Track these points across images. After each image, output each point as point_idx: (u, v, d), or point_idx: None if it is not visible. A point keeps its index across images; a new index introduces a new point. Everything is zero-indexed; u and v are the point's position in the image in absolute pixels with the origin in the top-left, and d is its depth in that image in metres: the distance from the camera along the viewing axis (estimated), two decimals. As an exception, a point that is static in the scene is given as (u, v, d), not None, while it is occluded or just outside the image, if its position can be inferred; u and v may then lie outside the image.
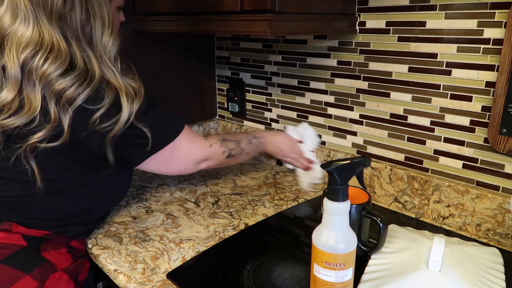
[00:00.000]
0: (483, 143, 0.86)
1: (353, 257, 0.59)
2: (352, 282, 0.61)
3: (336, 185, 0.57)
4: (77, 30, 0.69)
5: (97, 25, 0.71)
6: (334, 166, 0.58)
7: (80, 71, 0.67)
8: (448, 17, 0.86)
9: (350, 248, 0.58)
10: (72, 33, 0.69)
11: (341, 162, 0.59)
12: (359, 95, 1.04)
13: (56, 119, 0.66)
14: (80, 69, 0.68)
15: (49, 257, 0.74)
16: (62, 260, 0.75)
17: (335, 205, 0.57)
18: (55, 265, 0.74)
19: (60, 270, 0.74)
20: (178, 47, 1.31)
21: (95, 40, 0.71)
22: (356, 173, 0.65)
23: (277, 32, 0.81)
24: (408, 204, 0.97)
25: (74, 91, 0.66)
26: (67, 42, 0.68)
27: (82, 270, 0.80)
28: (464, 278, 0.64)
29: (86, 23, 0.70)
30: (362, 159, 0.63)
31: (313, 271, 0.61)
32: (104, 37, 0.72)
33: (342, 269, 0.58)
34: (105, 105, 0.68)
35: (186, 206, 1.00)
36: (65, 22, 0.68)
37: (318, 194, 1.06)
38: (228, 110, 1.42)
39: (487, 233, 0.86)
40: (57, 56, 0.66)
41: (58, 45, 0.67)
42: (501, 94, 0.80)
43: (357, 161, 0.62)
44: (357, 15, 1.00)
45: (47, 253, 0.74)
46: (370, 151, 1.06)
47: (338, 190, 0.57)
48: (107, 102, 0.68)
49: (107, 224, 0.91)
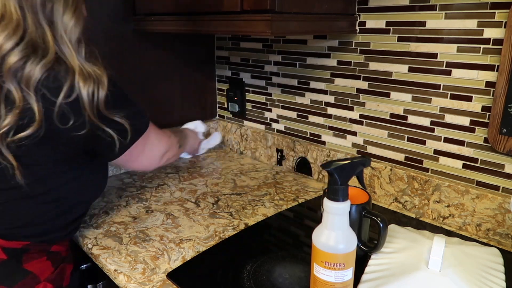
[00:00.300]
0: (483, 143, 0.86)
1: (353, 257, 0.59)
2: (352, 282, 0.61)
3: (336, 185, 0.57)
4: (35, 5, 0.65)
5: (58, 4, 0.67)
6: (334, 166, 0.58)
7: (31, 45, 0.63)
8: (448, 17, 0.86)
9: (350, 248, 0.58)
10: (30, 7, 0.65)
11: (341, 162, 0.59)
12: (359, 95, 1.04)
13: (21, 102, 0.62)
14: (32, 42, 0.64)
15: (31, 268, 0.72)
16: (43, 270, 0.74)
17: (335, 205, 0.57)
18: (38, 276, 0.72)
19: (44, 280, 0.73)
20: (178, 47, 1.31)
21: (56, 19, 0.67)
22: (356, 173, 0.64)
23: (277, 32, 0.81)
24: (408, 204, 0.97)
25: (30, 69, 0.62)
26: (23, 13, 0.64)
27: (65, 276, 0.79)
28: (464, 278, 0.64)
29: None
30: (362, 159, 0.63)
31: (313, 271, 0.61)
32: (65, 16, 0.68)
33: (342, 269, 0.58)
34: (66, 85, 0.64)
35: (186, 206, 1.00)
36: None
37: (318, 194, 1.06)
38: (228, 110, 1.42)
39: (487, 233, 0.86)
40: (8, 25, 0.62)
41: (10, 14, 0.63)
42: (501, 94, 0.80)
43: (357, 161, 0.62)
44: (357, 15, 1.00)
45: (29, 265, 0.72)
46: (370, 151, 1.06)
47: (338, 190, 0.57)
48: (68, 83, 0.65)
49: (107, 224, 0.91)
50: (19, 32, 0.64)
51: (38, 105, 0.63)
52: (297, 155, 1.21)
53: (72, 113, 0.66)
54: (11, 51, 0.63)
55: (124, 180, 1.16)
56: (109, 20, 1.14)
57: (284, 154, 1.25)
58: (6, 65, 0.62)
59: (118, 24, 1.16)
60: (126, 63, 1.20)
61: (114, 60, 1.16)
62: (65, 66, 0.66)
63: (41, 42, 0.65)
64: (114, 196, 1.05)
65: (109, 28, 1.14)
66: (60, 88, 0.64)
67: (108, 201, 1.02)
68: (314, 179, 1.17)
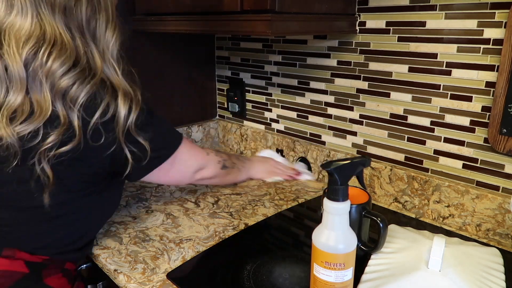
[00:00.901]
0: (483, 143, 0.86)
1: (353, 257, 0.59)
2: (352, 282, 0.61)
3: (336, 185, 0.57)
4: (82, 24, 0.65)
5: (101, 19, 0.67)
6: (334, 166, 0.58)
7: (82, 67, 0.64)
8: (448, 17, 0.86)
9: (350, 248, 0.58)
10: (77, 27, 0.65)
11: (341, 162, 0.59)
12: (359, 95, 1.04)
13: (66, 120, 0.62)
14: (83, 65, 0.64)
15: (52, 283, 0.71)
16: (62, 286, 0.73)
17: (335, 205, 0.57)
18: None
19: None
20: (178, 47, 1.31)
21: (99, 35, 0.67)
22: (356, 173, 0.64)
23: (277, 32, 0.81)
24: (408, 204, 0.97)
25: (77, 89, 0.62)
26: (71, 35, 0.64)
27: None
28: (464, 278, 0.64)
29: (92, 16, 0.66)
30: (362, 159, 0.63)
31: (313, 271, 0.61)
32: (108, 32, 0.68)
33: (342, 269, 0.58)
34: (103, 103, 0.65)
35: (186, 206, 1.00)
36: (70, 14, 0.64)
37: (318, 194, 1.06)
38: (228, 110, 1.42)
39: (487, 233, 0.86)
40: (61, 50, 0.62)
41: (61, 38, 0.62)
42: (501, 94, 0.80)
43: (357, 161, 0.62)
44: (357, 15, 1.00)
45: (49, 279, 0.71)
46: (370, 151, 1.06)
47: (338, 190, 0.57)
48: (106, 101, 0.65)
49: (107, 224, 0.91)
50: (73, 56, 0.63)
51: (78, 122, 0.63)
52: (297, 155, 1.21)
53: (104, 131, 0.66)
54: (64, 75, 0.62)
55: (124, 180, 1.16)
56: (109, 20, 1.14)
57: (284, 154, 1.25)
58: (57, 87, 0.62)
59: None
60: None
61: (114, 60, 1.16)
62: (109, 85, 0.66)
63: (92, 63, 0.65)
64: (114, 196, 1.05)
65: (109, 28, 1.14)
66: (99, 106, 0.64)
67: (108, 201, 1.02)
68: (314, 179, 1.17)
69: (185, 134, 1.37)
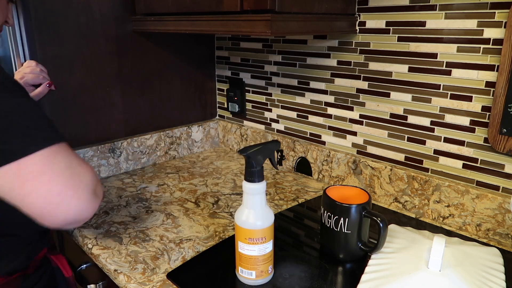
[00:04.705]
0: (483, 143, 0.86)
1: (271, 231, 0.67)
2: (272, 254, 0.68)
3: (252, 167, 0.64)
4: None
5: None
6: (249, 151, 0.63)
7: None
8: (448, 17, 0.86)
9: (268, 224, 0.66)
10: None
11: (255, 148, 0.65)
12: (359, 95, 1.04)
13: None
14: None
15: None
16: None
17: (252, 186, 0.64)
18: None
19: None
20: (178, 47, 1.31)
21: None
22: (269, 156, 0.69)
23: (277, 32, 0.81)
24: (408, 204, 0.97)
25: None
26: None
27: None
28: (464, 278, 0.64)
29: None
30: (273, 143, 0.69)
31: (237, 249, 0.67)
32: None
33: (263, 242, 0.66)
34: None
35: (186, 206, 1.00)
36: None
37: (318, 194, 1.07)
38: (228, 110, 1.42)
39: (487, 233, 0.86)
40: None
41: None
42: (501, 94, 0.80)
43: (268, 145, 0.68)
44: (357, 15, 1.00)
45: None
46: (370, 151, 1.06)
47: (254, 172, 0.64)
48: None
49: (107, 224, 0.91)
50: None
51: None
52: (297, 155, 1.21)
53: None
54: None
55: (124, 180, 1.16)
56: (109, 20, 1.14)
57: (284, 154, 1.25)
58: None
59: (118, 24, 1.16)
60: (126, 63, 1.20)
61: (114, 60, 1.16)
62: None
63: None
64: (114, 196, 1.05)
65: (109, 28, 1.14)
66: None
67: (108, 201, 1.02)
68: (314, 179, 1.17)
69: (185, 134, 1.38)
